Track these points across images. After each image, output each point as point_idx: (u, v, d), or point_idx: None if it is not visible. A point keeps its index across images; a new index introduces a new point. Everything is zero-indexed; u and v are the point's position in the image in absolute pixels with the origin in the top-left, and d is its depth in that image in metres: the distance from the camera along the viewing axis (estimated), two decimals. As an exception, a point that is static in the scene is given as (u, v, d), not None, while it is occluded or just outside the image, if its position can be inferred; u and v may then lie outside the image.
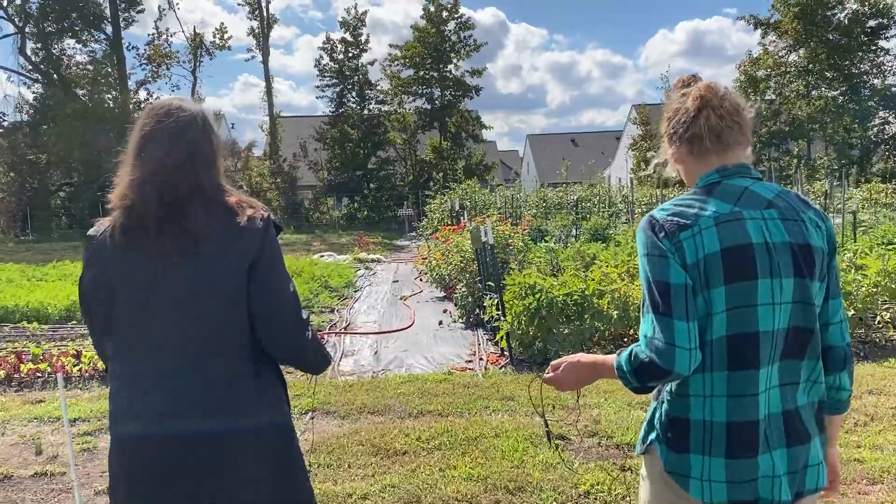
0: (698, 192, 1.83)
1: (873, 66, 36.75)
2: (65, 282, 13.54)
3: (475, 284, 9.58)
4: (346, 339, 9.09)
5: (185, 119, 1.98)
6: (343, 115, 36.42)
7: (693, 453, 1.76)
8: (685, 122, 1.84)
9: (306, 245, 25.58)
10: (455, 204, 14.87)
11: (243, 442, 1.92)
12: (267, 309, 1.93)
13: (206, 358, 1.90)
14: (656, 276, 1.74)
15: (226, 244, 1.91)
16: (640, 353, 1.73)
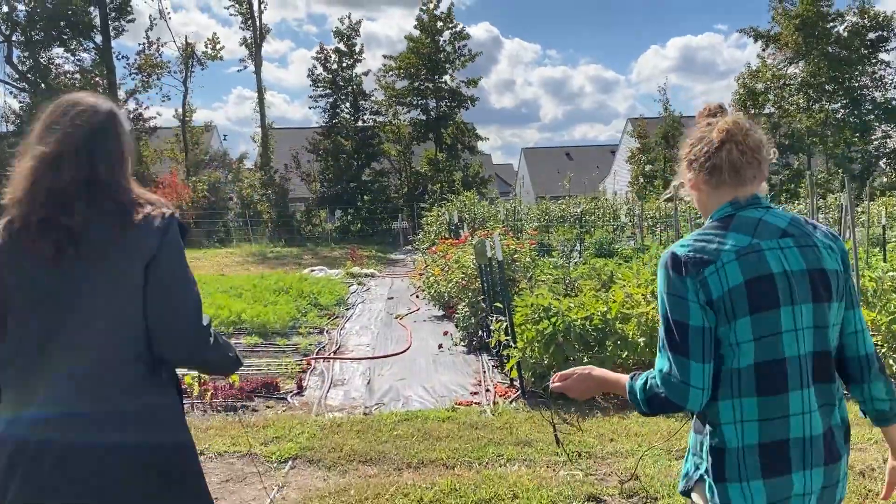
0: (716, 225, 1.87)
1: (874, 79, 36.23)
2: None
3: (478, 304, 8.73)
4: (336, 365, 8.21)
5: (88, 112, 1.91)
6: (336, 125, 35.63)
7: (731, 482, 1.80)
8: (707, 151, 1.89)
9: (297, 259, 24.71)
10: (453, 216, 14.06)
11: (131, 456, 1.82)
12: (163, 315, 1.87)
13: (96, 365, 1.82)
14: (676, 316, 1.80)
15: (115, 243, 1.83)
16: (654, 386, 1.83)
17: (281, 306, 11.12)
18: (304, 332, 10.15)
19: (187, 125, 39.46)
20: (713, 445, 1.83)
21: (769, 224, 1.87)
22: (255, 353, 8.83)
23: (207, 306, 10.82)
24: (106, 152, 1.90)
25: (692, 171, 1.94)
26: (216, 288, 13.42)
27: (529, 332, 6.38)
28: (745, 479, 1.79)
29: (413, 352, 8.84)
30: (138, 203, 1.89)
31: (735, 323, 1.77)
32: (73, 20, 36.19)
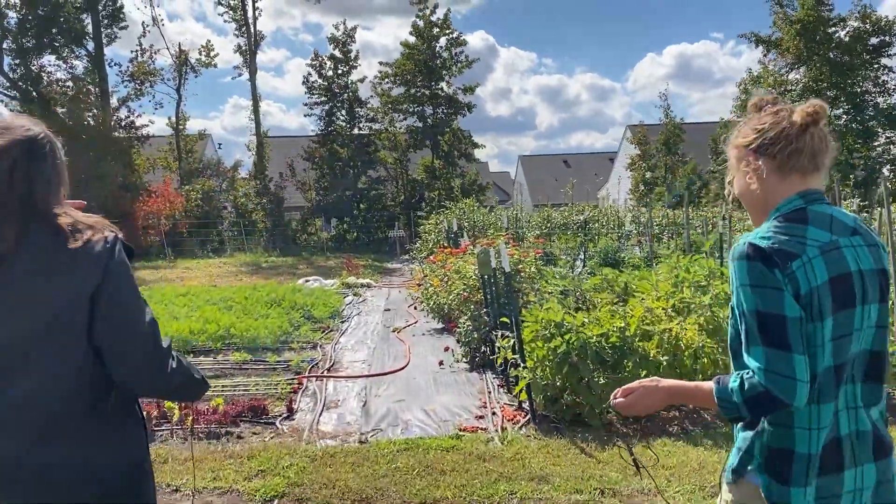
0: (789, 218, 1.82)
1: (876, 84, 35.87)
2: None
3: (481, 318, 8.19)
4: (329, 384, 7.65)
5: (19, 135, 1.85)
6: (332, 133, 35.10)
7: (795, 486, 1.75)
8: (788, 135, 1.83)
9: (292, 268, 24.15)
10: (452, 224, 13.52)
11: (72, 482, 1.78)
12: (115, 344, 1.80)
13: (32, 398, 1.75)
14: (769, 307, 1.72)
15: (50, 272, 1.76)
16: (756, 385, 1.72)
17: (272, 320, 10.56)
18: (296, 348, 9.59)
19: (181, 133, 38.96)
20: (777, 447, 1.78)
21: (840, 221, 1.84)
22: (242, 371, 8.27)
23: (195, 320, 10.26)
24: (40, 176, 1.84)
25: (762, 158, 1.85)
26: (205, 300, 12.85)
27: (540, 350, 5.83)
28: (809, 482, 1.75)
29: (412, 369, 8.28)
30: (76, 229, 1.82)
31: (821, 323, 1.73)
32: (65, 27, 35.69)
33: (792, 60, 36.35)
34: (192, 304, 12.42)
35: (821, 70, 35.10)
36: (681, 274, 6.35)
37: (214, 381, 7.65)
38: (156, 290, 15.43)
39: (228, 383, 7.57)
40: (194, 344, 9.40)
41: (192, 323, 9.89)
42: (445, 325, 10.90)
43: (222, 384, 7.57)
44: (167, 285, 18.18)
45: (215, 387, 7.39)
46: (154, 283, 19.21)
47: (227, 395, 7.13)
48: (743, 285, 1.75)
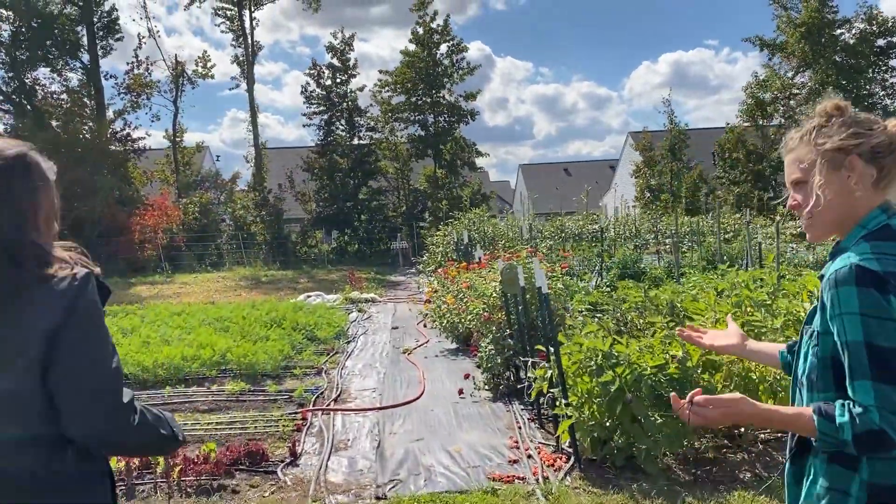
0: (882, 236, 1.72)
1: (884, 86, 35.18)
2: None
3: (505, 341, 7.36)
4: (338, 418, 6.81)
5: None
6: (332, 143, 34.35)
7: None
8: (891, 145, 1.74)
9: (292, 282, 23.33)
10: (463, 235, 12.70)
11: None
12: (69, 396, 1.65)
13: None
14: (884, 339, 1.60)
15: (14, 305, 1.65)
16: (869, 422, 1.60)
17: (272, 343, 9.73)
18: (298, 374, 8.75)
19: (178, 146, 38.29)
20: (883, 483, 1.66)
21: None
22: (240, 404, 7.42)
23: (187, 344, 9.44)
24: (9, 203, 1.72)
25: (870, 164, 1.75)
26: (201, 320, 12.02)
27: (584, 383, 5.01)
28: None
29: (428, 398, 7.45)
30: (44, 262, 1.71)
31: None
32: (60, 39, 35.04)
33: (797, 63, 35.67)
34: (187, 324, 11.59)
35: (827, 73, 34.38)
36: (743, 293, 5.51)
37: (207, 418, 6.81)
38: (150, 308, 14.60)
39: (223, 419, 6.73)
40: (187, 372, 8.57)
41: (184, 348, 9.06)
42: (460, 346, 10.08)
43: (216, 420, 6.73)
44: (163, 303, 17.36)
45: (207, 425, 6.55)
46: (150, 300, 18.39)
47: (221, 434, 6.30)
48: (850, 313, 1.63)
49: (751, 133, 36.52)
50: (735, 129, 36.56)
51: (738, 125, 36.88)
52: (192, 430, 6.33)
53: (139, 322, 12.05)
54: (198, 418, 6.76)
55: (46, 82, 35.74)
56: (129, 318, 12.58)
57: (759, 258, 11.96)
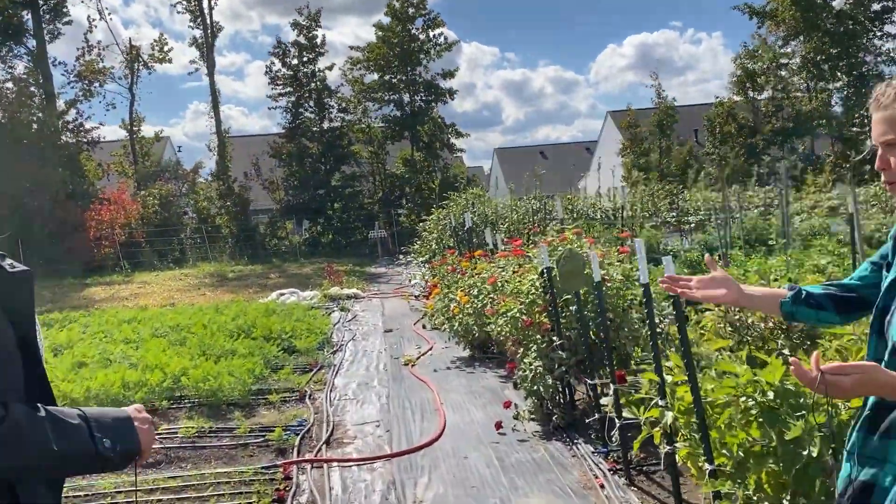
0: None
1: (880, 53, 33.82)
2: None
3: (555, 353, 5.43)
4: (334, 475, 4.85)
5: None
6: (300, 126, 32.05)
7: None
8: None
9: (262, 277, 21.22)
10: (463, 218, 10.77)
11: None
12: None
13: None
14: None
15: None
16: None
17: (240, 361, 7.68)
18: (275, 401, 6.75)
19: (136, 135, 35.75)
20: None
21: None
22: (197, 453, 5.41)
23: (131, 365, 7.39)
24: None
25: None
26: (153, 330, 9.93)
27: (737, 436, 3.11)
28: None
29: (454, 435, 5.50)
30: None
31: None
32: (2, 23, 32.31)
33: (787, 32, 34.15)
34: (137, 336, 9.51)
35: (821, 40, 32.91)
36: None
37: (148, 479, 4.79)
38: (96, 315, 12.46)
39: (170, 486, 4.71)
40: (132, 402, 6.52)
41: (126, 371, 7.00)
42: (475, 354, 8.17)
43: (162, 485, 4.72)
44: (116, 307, 15.20)
45: (147, 494, 4.53)
46: (102, 304, 16.21)
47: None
48: None
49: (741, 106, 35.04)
50: (724, 103, 35.03)
51: (727, 99, 35.36)
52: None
53: (79, 334, 9.94)
54: (131, 485, 4.73)
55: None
56: (67, 330, 10.45)
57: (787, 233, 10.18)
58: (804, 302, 2.00)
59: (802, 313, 2.01)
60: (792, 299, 2.00)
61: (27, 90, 32.57)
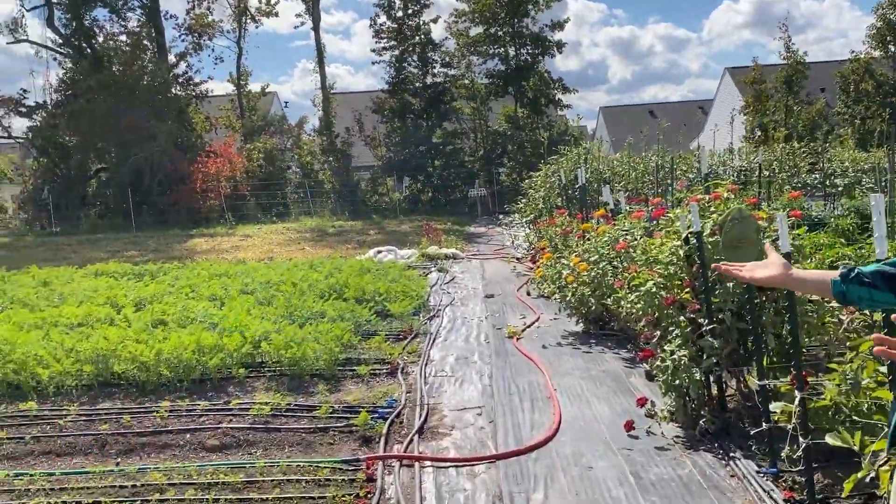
0: None
1: None
2: None
3: (704, 340, 4.32)
4: (426, 477, 3.97)
5: None
6: (403, 82, 31.24)
7: None
8: None
9: (361, 234, 20.71)
10: (577, 176, 9.62)
11: None
12: None
13: None
14: None
15: None
16: None
17: (328, 325, 6.92)
18: (364, 374, 5.95)
19: (243, 89, 35.99)
20: None
21: None
22: (271, 438, 4.66)
23: (209, 326, 6.78)
24: None
25: None
26: (242, 286, 9.38)
27: None
28: None
29: (572, 434, 4.51)
30: None
31: None
32: (118, -23, 32.89)
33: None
34: (223, 293, 8.96)
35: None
36: None
37: (207, 472, 4.04)
38: (189, 268, 12.11)
39: (230, 479, 3.94)
40: (205, 370, 5.87)
41: (202, 333, 6.35)
42: (590, 329, 7.11)
43: (222, 478, 3.97)
44: (215, 259, 14.95)
45: (203, 491, 3.77)
46: (203, 256, 16.05)
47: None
48: None
49: (880, 62, 31.67)
50: (861, 59, 31.74)
51: (864, 54, 32.02)
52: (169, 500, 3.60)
53: (166, 288, 9.50)
54: (190, 475, 3.99)
55: (106, 24, 33.75)
56: (156, 283, 10.07)
57: None
58: (855, 280, 1.90)
59: (854, 292, 1.90)
60: (842, 278, 1.92)
61: (140, 43, 33.13)
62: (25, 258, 16.69)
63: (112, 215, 29.16)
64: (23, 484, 3.91)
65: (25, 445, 4.57)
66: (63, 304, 8.40)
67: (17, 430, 4.84)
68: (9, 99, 30.51)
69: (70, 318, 7.48)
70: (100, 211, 30.85)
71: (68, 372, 5.77)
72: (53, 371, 5.74)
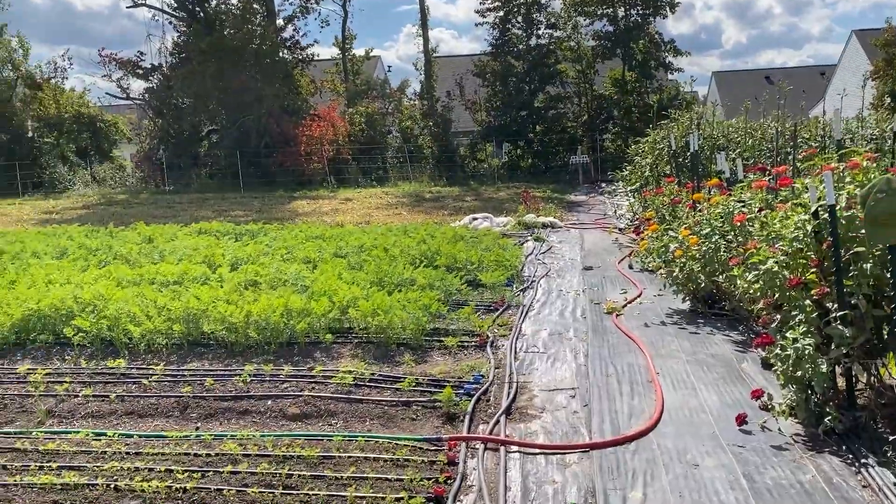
0: None
1: None
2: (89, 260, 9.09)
3: (832, 328, 3.79)
4: (513, 464, 3.67)
5: None
6: (507, 44, 30.54)
7: None
8: None
9: (457, 200, 20.46)
10: (689, 142, 8.95)
11: None
12: None
13: None
14: None
15: None
16: None
17: (416, 293, 6.70)
18: (451, 346, 5.69)
19: (347, 53, 36.21)
20: None
21: None
22: (353, 409, 4.47)
23: (299, 290, 6.68)
24: None
25: None
26: (336, 249, 9.31)
27: None
28: None
29: (675, 425, 4.10)
30: None
31: None
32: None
33: None
34: (317, 256, 8.90)
35: None
36: None
37: (284, 442, 3.88)
38: (288, 229, 12.20)
39: (307, 453, 3.76)
40: (293, 334, 5.77)
41: (291, 296, 6.25)
42: (698, 307, 6.58)
43: (298, 452, 3.80)
44: (315, 221, 15.07)
45: (277, 465, 3.60)
46: (304, 218, 16.25)
47: (295, 481, 3.36)
48: None
49: None
50: None
51: None
52: (244, 472, 3.46)
53: (263, 249, 9.55)
54: (265, 447, 3.85)
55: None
56: (254, 244, 10.14)
57: None
58: None
59: None
60: None
61: (250, 7, 33.72)
62: (138, 214, 17.40)
63: (221, 175, 30.07)
64: (101, 445, 3.87)
65: (110, 404, 4.58)
66: (162, 262, 8.55)
67: (104, 388, 4.87)
68: (127, 61, 31.75)
69: (166, 275, 7.58)
70: (210, 171, 31.88)
71: (159, 330, 5.79)
72: (145, 329, 5.77)
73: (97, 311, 6.07)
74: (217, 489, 3.35)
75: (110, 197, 25.73)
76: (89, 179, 32.40)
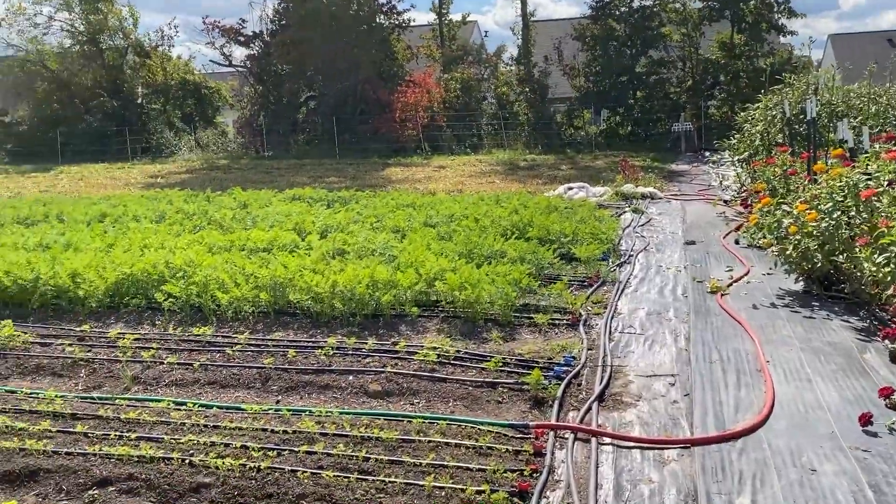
0: None
1: None
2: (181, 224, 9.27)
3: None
4: (604, 459, 3.39)
5: None
6: (608, 6, 29.37)
7: None
8: None
9: (552, 168, 19.94)
10: (806, 108, 8.19)
11: None
12: None
13: None
14: None
15: None
16: None
17: (506, 266, 6.44)
18: (541, 323, 5.41)
19: (444, 17, 35.82)
20: None
21: None
22: (436, 388, 4.28)
23: (387, 261, 6.54)
24: None
25: None
26: (426, 218, 9.14)
27: None
28: None
29: (788, 420, 3.70)
30: None
31: None
32: None
33: None
34: (406, 225, 8.76)
35: None
36: None
37: (362, 421, 3.73)
38: (380, 197, 12.14)
39: (385, 436, 3.59)
40: (378, 306, 5.63)
41: (377, 267, 6.11)
42: (812, 288, 6.04)
43: (376, 434, 3.64)
44: (408, 188, 15.00)
45: (354, 447, 3.45)
46: (397, 185, 16.22)
47: (367, 468, 3.20)
48: None
49: None
50: None
51: None
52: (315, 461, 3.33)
53: (353, 216, 9.50)
54: (343, 427, 3.71)
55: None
56: (345, 211, 10.11)
57: None
58: None
59: None
60: None
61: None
62: (237, 179, 17.81)
63: (319, 142, 30.49)
64: (180, 416, 3.83)
65: (193, 373, 4.57)
66: (254, 228, 8.61)
67: (188, 356, 4.87)
68: (230, 29, 32.47)
69: (256, 242, 7.61)
70: (307, 137, 32.39)
71: (246, 298, 5.78)
72: (232, 296, 5.77)
73: (187, 276, 6.11)
74: (291, 470, 3.23)
75: (212, 162, 26.53)
76: (193, 144, 33.51)
